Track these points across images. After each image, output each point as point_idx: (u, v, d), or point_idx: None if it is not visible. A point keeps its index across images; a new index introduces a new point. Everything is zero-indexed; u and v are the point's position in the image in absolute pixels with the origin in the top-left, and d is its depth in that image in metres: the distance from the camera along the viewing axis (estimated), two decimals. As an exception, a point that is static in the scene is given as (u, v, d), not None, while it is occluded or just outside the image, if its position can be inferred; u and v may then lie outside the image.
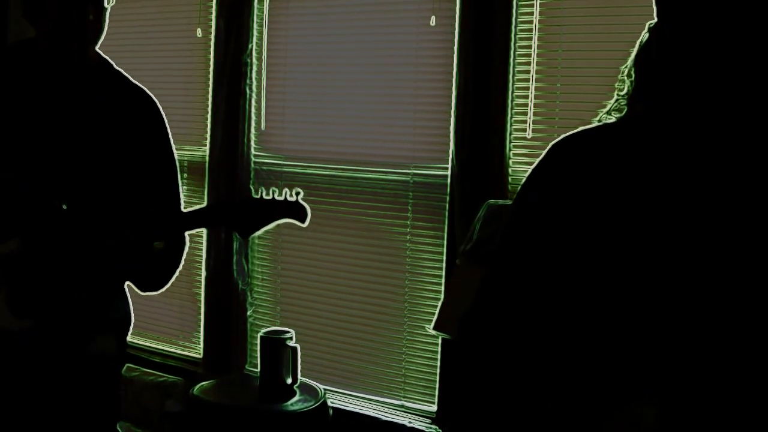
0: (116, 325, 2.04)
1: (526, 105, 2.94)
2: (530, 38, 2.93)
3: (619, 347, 1.11)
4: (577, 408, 1.14)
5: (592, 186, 1.12)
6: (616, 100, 1.21)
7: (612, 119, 1.20)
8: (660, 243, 1.08)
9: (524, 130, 2.94)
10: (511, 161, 2.97)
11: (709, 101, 1.10)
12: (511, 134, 2.96)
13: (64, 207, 1.81)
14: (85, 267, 1.87)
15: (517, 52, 2.95)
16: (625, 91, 1.19)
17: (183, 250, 2.00)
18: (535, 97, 2.93)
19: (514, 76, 2.95)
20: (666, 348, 1.08)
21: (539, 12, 2.91)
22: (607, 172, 1.12)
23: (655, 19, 1.16)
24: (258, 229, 1.90)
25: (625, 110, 1.19)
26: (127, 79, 2.01)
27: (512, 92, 2.95)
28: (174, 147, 2.00)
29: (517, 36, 2.94)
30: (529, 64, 2.93)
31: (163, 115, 2.00)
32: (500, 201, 2.84)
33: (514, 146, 2.97)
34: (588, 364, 1.13)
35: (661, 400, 1.06)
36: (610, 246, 1.10)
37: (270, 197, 1.88)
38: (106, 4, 1.88)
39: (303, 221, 1.90)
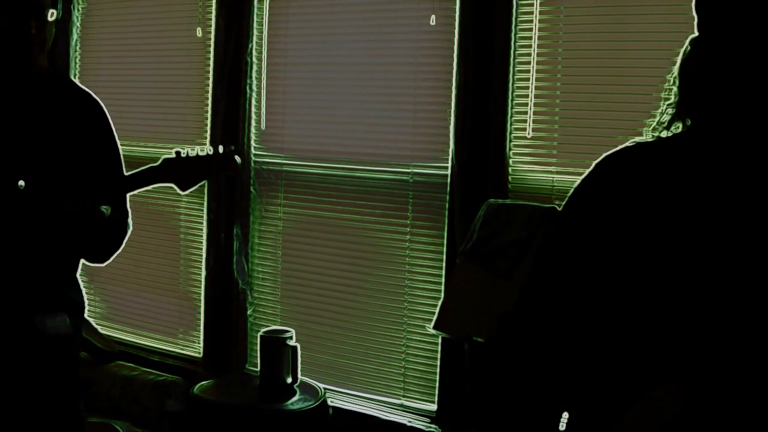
0: (70, 306, 2.14)
1: (526, 105, 2.94)
2: (530, 38, 2.93)
3: (649, 339, 1.13)
4: (600, 401, 1.17)
5: (636, 204, 1.15)
6: (665, 109, 1.23)
7: (658, 132, 1.22)
8: (706, 257, 1.10)
9: (524, 129, 2.94)
10: (511, 161, 2.97)
11: (753, 118, 1.11)
12: (511, 134, 2.96)
13: (22, 185, 1.96)
14: (41, 235, 2.03)
15: (517, 52, 2.95)
16: (672, 99, 1.21)
17: (126, 220, 2.18)
18: (535, 96, 2.93)
19: (514, 76, 2.95)
20: (694, 337, 1.10)
21: (539, 12, 2.91)
22: (653, 191, 1.14)
23: (696, 33, 1.18)
24: (196, 183, 2.10)
25: (672, 118, 1.21)
26: (75, 84, 2.24)
27: (512, 92, 2.95)
28: (117, 137, 2.21)
29: (517, 36, 2.94)
30: (529, 63, 2.93)
31: (106, 113, 2.20)
32: (500, 200, 2.85)
33: (514, 146, 2.97)
34: (619, 359, 1.16)
35: (687, 383, 1.08)
36: (653, 260, 1.12)
37: (204, 153, 2.07)
38: (49, 18, 2.02)
39: (236, 171, 2.14)
